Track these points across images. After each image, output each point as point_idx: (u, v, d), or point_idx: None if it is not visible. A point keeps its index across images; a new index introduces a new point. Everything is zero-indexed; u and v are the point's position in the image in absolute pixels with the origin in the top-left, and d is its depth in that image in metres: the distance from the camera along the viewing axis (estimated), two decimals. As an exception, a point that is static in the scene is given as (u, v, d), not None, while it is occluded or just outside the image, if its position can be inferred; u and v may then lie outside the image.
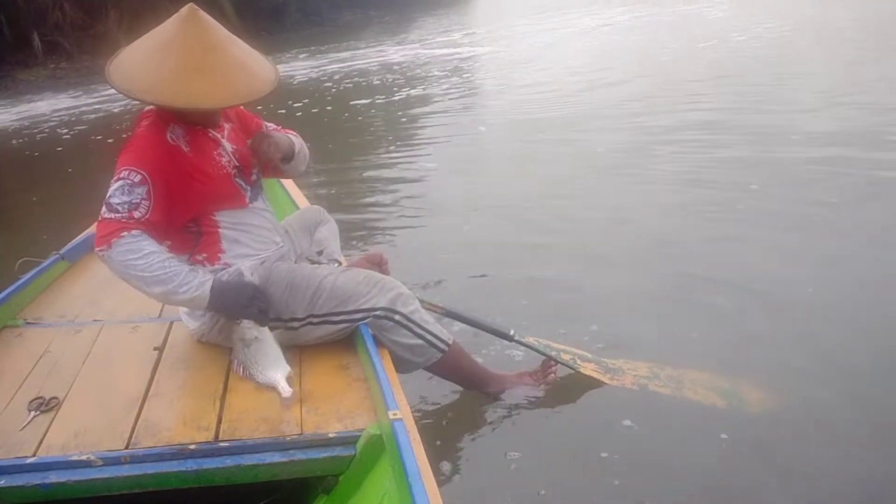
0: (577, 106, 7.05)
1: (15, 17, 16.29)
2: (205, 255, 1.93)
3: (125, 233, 1.68)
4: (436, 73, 11.26)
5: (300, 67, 14.46)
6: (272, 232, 2.07)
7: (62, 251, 2.59)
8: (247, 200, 1.98)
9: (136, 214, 1.71)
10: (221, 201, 1.92)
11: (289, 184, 3.19)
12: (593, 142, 5.57)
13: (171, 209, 1.81)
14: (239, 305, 1.80)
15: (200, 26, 1.79)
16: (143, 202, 1.72)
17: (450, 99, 8.64)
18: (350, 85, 11.11)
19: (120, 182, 1.72)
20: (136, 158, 1.76)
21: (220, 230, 1.93)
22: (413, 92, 9.54)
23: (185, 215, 1.88)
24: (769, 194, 4.00)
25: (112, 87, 1.78)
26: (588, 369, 2.35)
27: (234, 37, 1.89)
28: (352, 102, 9.47)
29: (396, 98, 9.24)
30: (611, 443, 2.10)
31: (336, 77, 12.30)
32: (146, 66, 1.78)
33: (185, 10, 1.80)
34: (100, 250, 1.70)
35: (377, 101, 9.25)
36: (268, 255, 2.02)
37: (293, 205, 3.00)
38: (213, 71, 1.77)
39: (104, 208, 1.72)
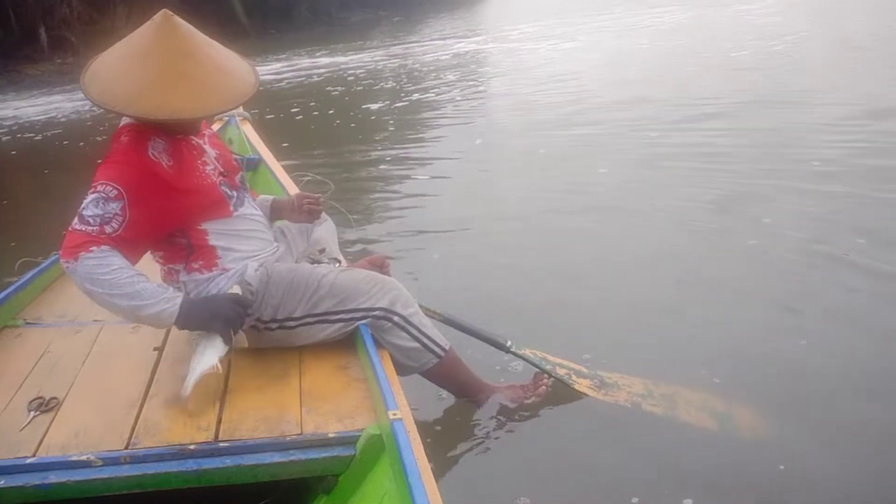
0: (585, 123, 6.67)
1: (23, 12, 16.30)
2: (201, 262, 1.90)
3: (94, 247, 1.61)
4: (448, 77, 10.96)
5: (307, 67, 14.44)
6: (264, 233, 2.05)
7: (62, 251, 2.59)
8: (231, 209, 1.92)
9: (107, 229, 1.64)
10: (207, 212, 1.86)
11: (287, 182, 3.19)
12: (598, 159, 5.41)
13: (151, 226, 1.75)
14: (203, 320, 1.75)
15: (176, 33, 1.71)
16: (115, 217, 1.65)
17: (453, 106, 8.48)
18: (360, 88, 10.94)
19: (95, 195, 1.66)
20: (114, 173, 1.69)
21: (209, 240, 1.89)
22: (416, 97, 9.41)
23: (168, 227, 1.83)
24: (776, 220, 3.86)
25: (89, 100, 1.72)
26: (583, 386, 2.33)
27: (211, 40, 1.82)
28: (354, 105, 9.40)
29: (399, 105, 9.10)
30: (604, 450, 2.11)
31: (341, 78, 12.23)
32: (124, 77, 1.71)
33: (158, 16, 1.72)
34: (65, 262, 1.64)
35: (381, 105, 9.15)
36: (265, 257, 2.00)
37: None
38: (192, 79, 1.70)
39: (76, 219, 1.65)
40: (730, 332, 2.73)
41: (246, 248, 1.96)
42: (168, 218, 1.80)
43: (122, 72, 1.72)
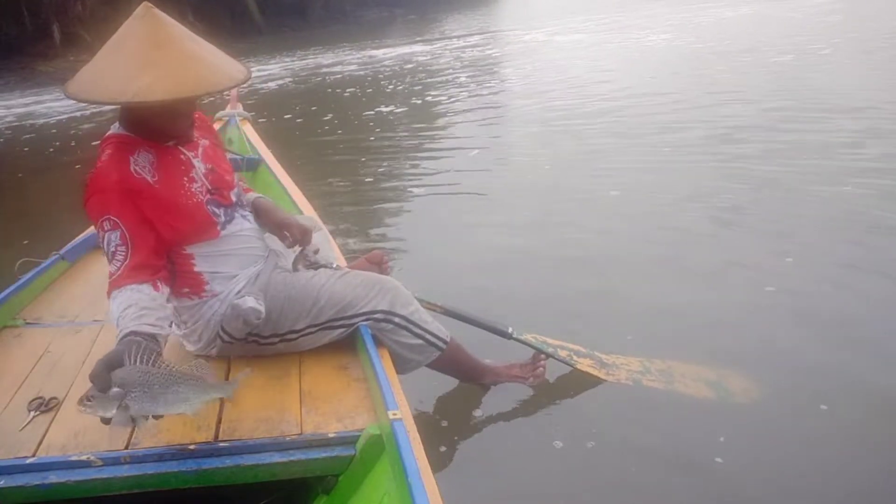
0: (600, 138, 6.11)
1: (37, 8, 16.33)
2: (188, 288, 1.84)
3: (114, 290, 1.61)
4: (461, 78, 10.73)
5: (313, 66, 14.39)
6: (255, 246, 1.96)
7: (62, 251, 2.59)
8: (219, 229, 1.84)
9: (114, 267, 1.63)
10: (192, 235, 1.79)
11: (288, 184, 3.19)
12: (608, 160, 5.30)
13: (155, 242, 1.70)
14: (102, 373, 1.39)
15: (153, 23, 1.65)
16: (119, 249, 1.63)
17: (465, 108, 8.30)
18: (370, 90, 10.78)
19: (101, 234, 1.66)
20: (102, 203, 1.66)
21: (194, 265, 1.82)
22: (427, 99, 9.25)
23: (163, 244, 1.75)
24: (777, 199, 3.98)
25: (66, 97, 1.67)
26: (584, 365, 2.40)
27: (195, 35, 1.75)
28: (360, 107, 9.29)
29: (407, 107, 8.95)
30: (609, 440, 2.11)
31: (350, 78, 12.14)
32: (95, 67, 1.67)
33: (139, 8, 1.67)
34: None
35: (389, 107, 9.00)
36: (259, 268, 1.95)
37: (293, 205, 3.00)
38: (161, 64, 1.60)
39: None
40: (717, 313, 2.85)
41: (233, 269, 1.89)
42: (159, 233, 1.73)
43: (95, 64, 1.68)
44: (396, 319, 1.95)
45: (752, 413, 2.19)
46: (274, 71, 14.42)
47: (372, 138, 7.23)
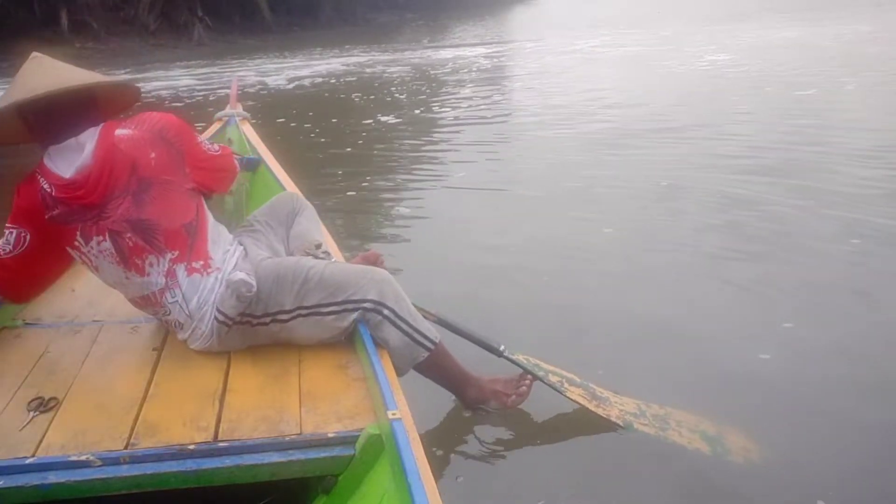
0: (603, 163, 5.78)
1: None
2: (201, 261, 1.91)
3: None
4: (464, 91, 10.53)
5: (318, 66, 14.40)
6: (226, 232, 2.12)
7: (61, 251, 2.59)
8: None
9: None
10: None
11: (288, 184, 3.18)
12: (611, 177, 5.17)
13: None
14: None
15: (39, 59, 1.94)
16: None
17: (471, 115, 8.26)
18: (372, 96, 10.68)
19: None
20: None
21: (208, 234, 1.97)
22: (435, 110, 9.10)
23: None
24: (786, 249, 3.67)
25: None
26: (574, 394, 2.27)
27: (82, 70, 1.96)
28: (362, 114, 9.23)
29: (412, 115, 8.88)
30: (600, 457, 2.11)
31: (355, 81, 12.08)
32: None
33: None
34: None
35: (391, 117, 8.87)
36: (239, 243, 2.08)
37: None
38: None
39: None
40: (727, 356, 2.65)
41: (221, 248, 1.99)
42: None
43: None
44: (385, 311, 1.93)
45: (741, 480, 1.99)
46: (279, 70, 14.43)
47: (374, 144, 7.20)
